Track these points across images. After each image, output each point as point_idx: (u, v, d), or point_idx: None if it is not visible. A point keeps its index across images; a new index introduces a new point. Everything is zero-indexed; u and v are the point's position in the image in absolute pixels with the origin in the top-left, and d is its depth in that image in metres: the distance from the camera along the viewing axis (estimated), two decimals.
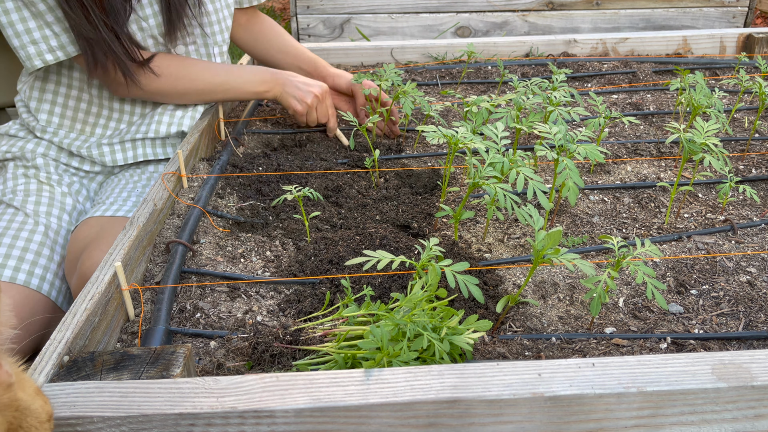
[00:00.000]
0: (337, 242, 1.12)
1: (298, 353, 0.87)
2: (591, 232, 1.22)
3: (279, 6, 5.03)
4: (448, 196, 1.36)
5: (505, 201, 1.02)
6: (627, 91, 1.95)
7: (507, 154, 1.10)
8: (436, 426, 0.73)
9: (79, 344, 0.85)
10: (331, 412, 0.71)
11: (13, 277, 1.30)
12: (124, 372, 0.78)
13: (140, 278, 1.09)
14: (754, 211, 1.30)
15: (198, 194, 1.31)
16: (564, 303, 1.03)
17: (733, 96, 1.90)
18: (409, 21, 3.18)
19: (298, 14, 3.14)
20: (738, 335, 0.94)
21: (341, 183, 1.37)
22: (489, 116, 1.33)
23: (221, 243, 1.18)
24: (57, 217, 1.46)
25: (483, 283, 1.06)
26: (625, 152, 1.55)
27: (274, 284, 1.08)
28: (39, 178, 1.52)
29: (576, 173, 1.07)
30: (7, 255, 1.33)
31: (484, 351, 0.91)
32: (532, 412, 0.73)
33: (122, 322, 0.99)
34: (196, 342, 0.95)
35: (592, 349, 0.92)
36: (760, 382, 0.73)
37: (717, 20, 3.22)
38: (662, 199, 1.33)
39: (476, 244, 1.19)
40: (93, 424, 0.71)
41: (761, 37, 2.20)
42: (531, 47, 2.26)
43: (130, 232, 1.08)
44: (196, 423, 0.71)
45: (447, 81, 2.06)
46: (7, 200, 1.46)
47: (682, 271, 1.10)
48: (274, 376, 0.75)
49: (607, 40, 2.26)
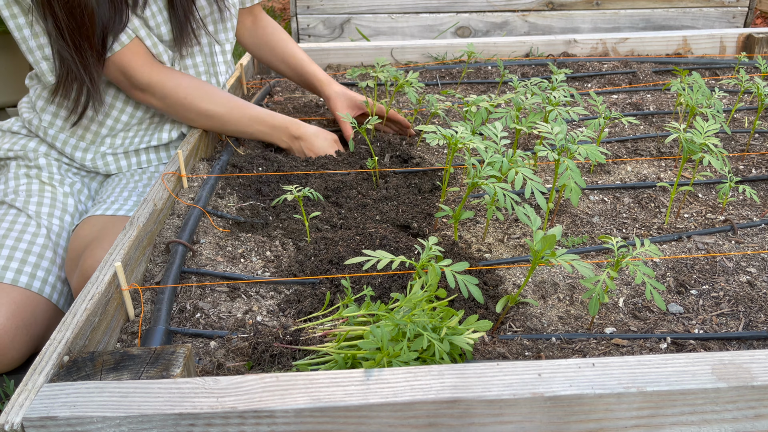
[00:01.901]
0: (337, 242, 1.12)
1: (298, 353, 0.87)
2: (591, 232, 1.22)
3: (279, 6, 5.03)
4: (448, 196, 1.36)
5: (505, 200, 1.02)
6: (627, 91, 1.95)
7: (506, 153, 1.10)
8: (436, 426, 0.73)
9: (79, 344, 0.85)
10: (331, 412, 0.71)
11: (15, 279, 1.30)
12: (124, 372, 0.78)
13: (140, 278, 1.09)
14: (754, 211, 1.30)
15: (198, 194, 1.31)
16: (564, 303, 1.03)
17: (733, 96, 1.90)
18: (409, 21, 3.18)
19: (298, 14, 3.14)
20: (738, 335, 0.94)
21: (341, 183, 1.37)
22: (488, 116, 1.33)
23: (221, 243, 1.18)
24: (59, 218, 1.46)
25: (483, 283, 1.06)
26: (625, 152, 1.55)
27: (274, 284, 1.08)
28: (41, 178, 1.51)
29: (578, 174, 1.07)
30: (9, 257, 1.32)
31: (484, 351, 0.91)
32: (532, 412, 0.73)
33: (122, 322, 0.99)
34: (196, 342, 0.95)
35: (592, 349, 0.92)
36: (760, 382, 0.73)
37: (717, 20, 3.22)
38: (662, 199, 1.33)
39: (476, 244, 1.19)
40: (93, 424, 0.71)
41: (761, 37, 2.20)
42: (531, 47, 2.26)
43: (130, 232, 1.08)
44: (196, 423, 0.71)
45: (447, 81, 2.06)
46: (9, 201, 1.46)
47: (682, 271, 1.10)
48: (274, 376, 0.75)
49: (607, 40, 2.26)
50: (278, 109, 1.88)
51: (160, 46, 1.48)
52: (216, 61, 1.65)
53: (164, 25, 1.48)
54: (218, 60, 1.66)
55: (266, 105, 1.92)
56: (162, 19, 1.46)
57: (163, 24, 1.47)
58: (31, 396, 0.74)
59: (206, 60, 1.63)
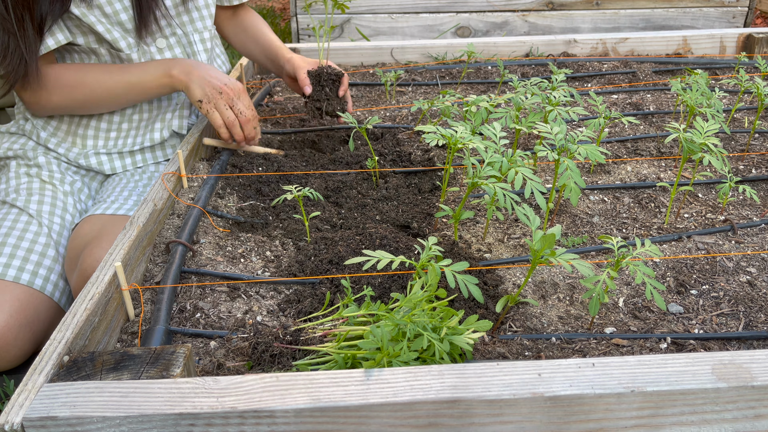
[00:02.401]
0: (337, 242, 1.12)
1: (298, 353, 0.87)
2: (591, 232, 1.22)
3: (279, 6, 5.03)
4: (447, 196, 1.36)
5: (505, 200, 1.02)
6: (627, 91, 1.95)
7: (506, 153, 1.10)
8: (436, 426, 0.73)
9: (79, 344, 0.85)
10: (331, 412, 0.71)
11: (17, 277, 1.30)
12: (124, 372, 0.78)
13: (140, 278, 1.09)
14: (754, 211, 1.30)
15: (198, 194, 1.31)
16: (564, 303, 1.03)
17: (733, 96, 1.90)
18: (409, 21, 3.18)
19: (298, 14, 3.14)
20: (738, 335, 0.94)
21: (341, 183, 1.37)
22: (488, 116, 1.33)
23: (221, 243, 1.18)
24: (60, 217, 1.46)
25: (483, 283, 1.06)
26: (625, 152, 1.55)
27: (274, 284, 1.08)
28: (41, 177, 1.51)
29: (577, 174, 1.07)
30: (11, 255, 1.33)
31: (484, 351, 0.91)
32: (532, 412, 0.73)
33: (122, 322, 0.99)
34: (196, 342, 0.95)
35: (592, 349, 0.92)
36: (760, 382, 0.73)
37: (717, 20, 3.22)
38: (662, 199, 1.33)
39: (476, 244, 1.19)
40: (93, 424, 0.71)
41: (761, 37, 2.20)
42: (531, 47, 2.26)
43: (130, 232, 1.08)
44: (196, 423, 0.71)
45: (447, 81, 2.06)
46: (10, 200, 1.46)
47: (682, 271, 1.10)
48: (274, 376, 0.75)
49: (607, 40, 2.26)
50: (278, 109, 1.88)
51: (115, 32, 1.45)
52: (196, 50, 1.62)
53: (124, 12, 1.46)
54: (198, 49, 1.62)
55: (266, 105, 1.92)
56: (121, 6, 1.45)
57: (123, 11, 1.46)
58: (31, 396, 0.74)
59: (185, 50, 1.60)
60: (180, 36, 1.58)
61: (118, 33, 1.46)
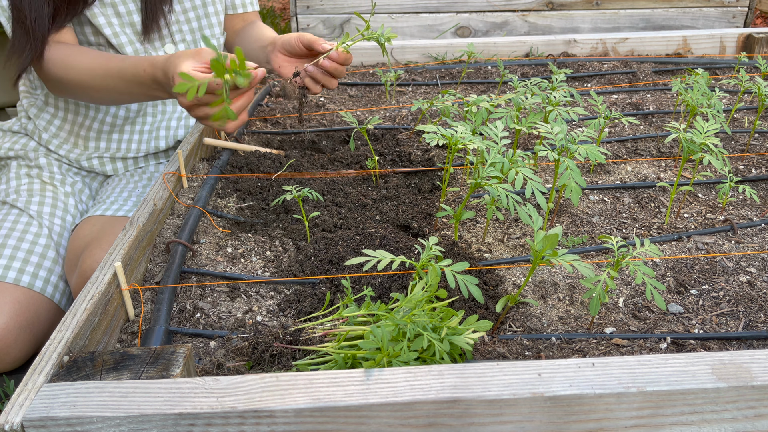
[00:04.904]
0: (337, 242, 1.12)
1: (298, 353, 0.87)
2: (591, 232, 1.22)
3: (279, 6, 5.03)
4: (447, 196, 1.36)
5: (507, 201, 1.02)
6: (627, 91, 1.95)
7: (507, 154, 1.10)
8: (436, 426, 0.73)
9: (79, 344, 0.85)
10: (331, 412, 0.71)
11: (17, 278, 1.30)
12: (124, 372, 0.78)
13: (140, 278, 1.09)
14: (754, 211, 1.30)
15: (198, 194, 1.31)
16: (564, 303, 1.03)
17: (733, 96, 1.90)
18: (409, 21, 3.18)
19: (298, 14, 3.14)
20: (738, 335, 0.94)
21: (341, 183, 1.37)
22: (488, 116, 1.33)
23: (221, 243, 1.18)
24: (60, 218, 1.46)
25: (483, 283, 1.06)
26: (625, 152, 1.55)
27: (274, 284, 1.08)
28: (42, 177, 1.51)
29: (578, 173, 1.07)
30: (12, 257, 1.33)
31: (484, 351, 0.91)
32: (532, 412, 0.73)
33: (122, 322, 0.99)
34: (196, 342, 0.95)
35: (592, 349, 0.92)
36: (760, 382, 0.73)
37: (717, 20, 3.22)
38: (662, 199, 1.33)
39: (476, 244, 1.19)
40: (93, 424, 0.71)
41: (761, 37, 2.20)
42: (531, 47, 2.26)
43: (130, 232, 1.08)
44: (196, 423, 0.71)
45: (447, 81, 2.06)
46: (10, 201, 1.46)
47: (682, 271, 1.10)
48: (274, 376, 0.75)
49: (607, 40, 2.26)
50: (278, 109, 1.88)
51: (122, 36, 1.45)
52: None
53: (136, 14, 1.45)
54: None
55: (266, 105, 1.92)
56: (135, 7, 1.45)
57: (136, 13, 1.45)
58: (31, 396, 0.74)
59: None
60: (189, 43, 1.59)
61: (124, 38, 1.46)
